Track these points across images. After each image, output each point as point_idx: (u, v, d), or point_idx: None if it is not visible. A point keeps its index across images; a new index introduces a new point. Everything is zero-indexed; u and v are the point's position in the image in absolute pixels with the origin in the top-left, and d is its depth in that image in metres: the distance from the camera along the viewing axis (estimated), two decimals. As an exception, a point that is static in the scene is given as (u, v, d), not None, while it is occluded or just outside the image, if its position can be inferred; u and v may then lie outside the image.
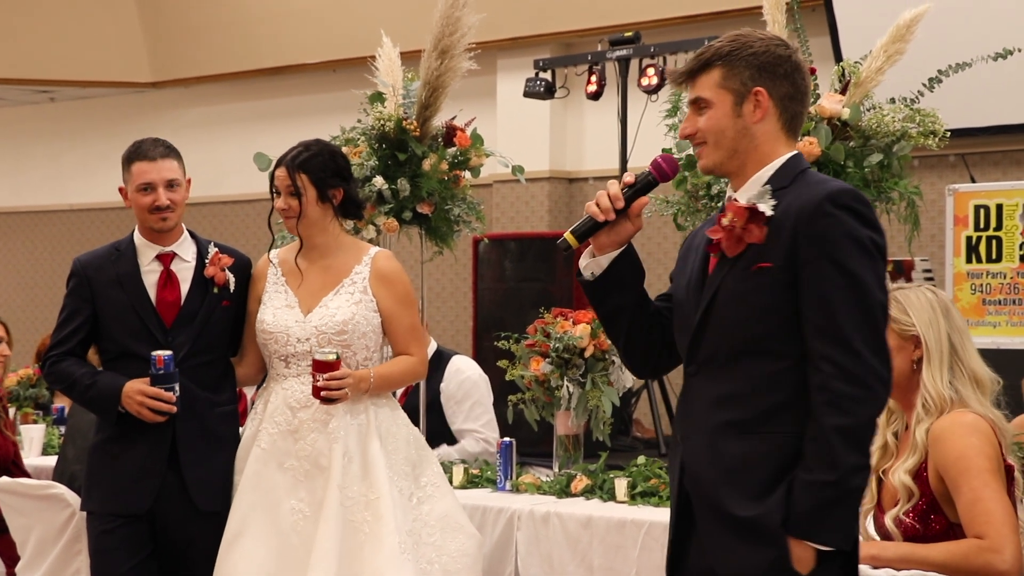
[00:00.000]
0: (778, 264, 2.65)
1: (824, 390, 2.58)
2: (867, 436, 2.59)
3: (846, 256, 2.60)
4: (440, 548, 3.92)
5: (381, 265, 4.04)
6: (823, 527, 2.58)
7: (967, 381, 3.27)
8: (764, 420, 2.65)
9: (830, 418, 2.56)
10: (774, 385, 2.65)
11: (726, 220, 2.72)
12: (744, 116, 2.74)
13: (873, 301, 2.60)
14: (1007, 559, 3.02)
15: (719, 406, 2.71)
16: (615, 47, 7.49)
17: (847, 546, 2.61)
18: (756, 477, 2.64)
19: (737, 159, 2.77)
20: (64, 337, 4.09)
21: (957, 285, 5.87)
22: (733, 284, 2.72)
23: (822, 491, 2.56)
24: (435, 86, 4.89)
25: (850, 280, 2.59)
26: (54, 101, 12.75)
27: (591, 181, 10.01)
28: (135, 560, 3.98)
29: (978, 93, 7.12)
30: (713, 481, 2.70)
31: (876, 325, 2.60)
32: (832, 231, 2.61)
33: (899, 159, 4.42)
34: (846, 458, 2.55)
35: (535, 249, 7.05)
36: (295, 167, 3.97)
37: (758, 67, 2.74)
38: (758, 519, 2.62)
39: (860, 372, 2.56)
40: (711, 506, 2.71)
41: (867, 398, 2.57)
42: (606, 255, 2.89)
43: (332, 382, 3.80)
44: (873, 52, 4.49)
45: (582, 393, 4.56)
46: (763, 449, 2.64)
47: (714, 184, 4.40)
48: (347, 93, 5.57)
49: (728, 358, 2.71)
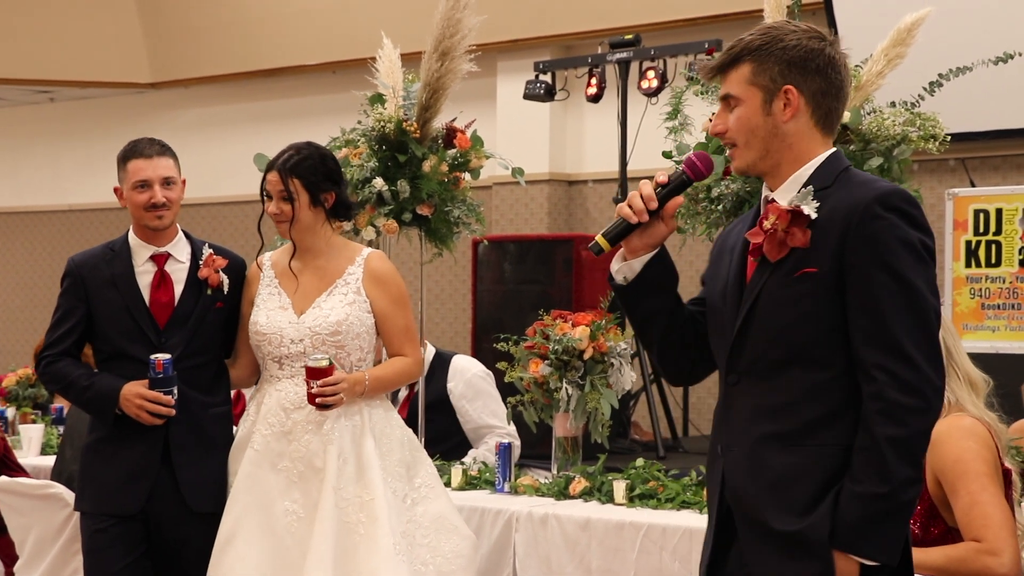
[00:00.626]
0: (824, 269, 2.54)
1: (878, 399, 2.47)
2: (921, 448, 2.48)
3: (898, 260, 2.49)
4: (434, 549, 3.92)
5: (374, 266, 4.03)
6: (871, 541, 2.47)
7: (962, 383, 3.27)
8: (809, 432, 2.55)
9: (884, 428, 2.45)
10: (819, 396, 2.55)
11: (768, 223, 2.59)
12: (774, 114, 2.62)
13: (926, 307, 2.50)
14: (1005, 562, 3.02)
15: (762, 417, 2.60)
16: (615, 49, 7.49)
17: (894, 561, 2.50)
18: (800, 492, 2.54)
19: (770, 159, 2.65)
20: (58, 337, 4.08)
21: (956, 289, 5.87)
22: (776, 290, 2.60)
23: (872, 503, 2.45)
24: (435, 88, 4.89)
25: (903, 285, 2.49)
26: (54, 101, 12.76)
27: (591, 184, 10.01)
28: (128, 559, 3.97)
29: (978, 97, 7.13)
30: (755, 495, 2.59)
31: (930, 332, 2.50)
32: (883, 234, 2.50)
33: (899, 163, 4.42)
34: (899, 470, 2.45)
35: (535, 251, 7.04)
36: (287, 171, 3.96)
37: (788, 62, 2.61)
38: (803, 532, 2.51)
39: (916, 381, 2.46)
40: (753, 520, 2.60)
41: (922, 408, 2.47)
42: (639, 259, 2.79)
43: (326, 388, 3.80)
44: (874, 56, 4.49)
45: (581, 395, 4.56)
46: (808, 463, 2.54)
47: (714, 187, 4.40)
48: (347, 94, 5.57)
49: (771, 367, 2.60)
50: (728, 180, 4.37)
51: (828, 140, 2.68)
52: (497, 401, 5.37)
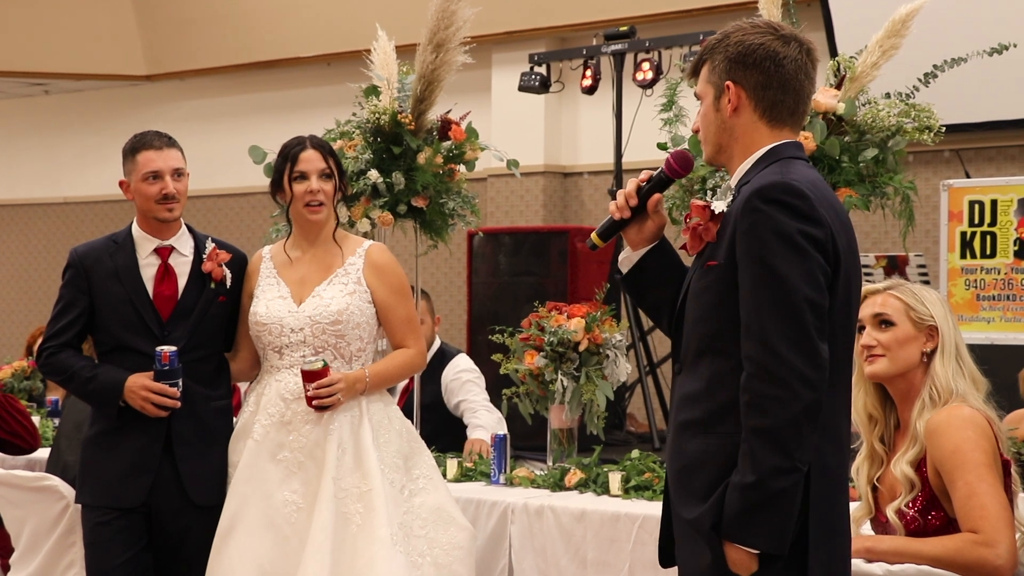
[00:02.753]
0: (721, 262, 2.64)
1: (746, 390, 2.55)
2: (790, 437, 2.52)
3: (769, 252, 2.55)
4: (432, 541, 3.93)
5: (375, 257, 4.04)
6: (751, 530, 2.54)
7: (967, 379, 3.27)
8: (716, 420, 2.64)
9: (751, 419, 2.53)
10: (723, 385, 2.63)
11: (691, 219, 2.73)
12: (721, 110, 2.74)
13: (796, 298, 2.53)
14: (1001, 554, 3.02)
15: (683, 405, 2.72)
16: (610, 41, 7.48)
17: (777, 549, 2.55)
18: (702, 479, 2.64)
19: (725, 153, 2.78)
20: (60, 328, 4.07)
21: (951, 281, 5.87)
22: (694, 283, 2.74)
23: (745, 493, 2.53)
24: (430, 80, 4.89)
25: (772, 276, 2.54)
26: (48, 94, 12.73)
27: (586, 175, 10.01)
28: (130, 552, 3.98)
29: (973, 89, 7.13)
30: (672, 480, 2.74)
31: (800, 322, 2.53)
32: (758, 227, 2.57)
33: (894, 154, 4.43)
34: (767, 460, 2.51)
35: (530, 243, 7.04)
36: (327, 152, 4.01)
37: (729, 59, 2.72)
38: (695, 521, 2.63)
39: (779, 372, 2.51)
40: (673, 504, 2.75)
41: (786, 398, 2.51)
42: (637, 251, 2.91)
43: (322, 390, 3.81)
44: (868, 47, 4.49)
45: (576, 387, 4.56)
46: (712, 449, 2.64)
47: (709, 178, 4.41)
48: (342, 87, 5.56)
49: (693, 357, 2.72)
50: (723, 172, 4.37)
51: (779, 132, 2.74)
52: (478, 393, 5.45)
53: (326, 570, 3.71)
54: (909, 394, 3.27)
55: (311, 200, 3.97)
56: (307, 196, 3.97)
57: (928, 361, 3.25)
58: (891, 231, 5.54)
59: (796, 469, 2.54)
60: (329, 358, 3.93)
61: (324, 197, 3.97)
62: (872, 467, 3.31)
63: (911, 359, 3.25)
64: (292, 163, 3.99)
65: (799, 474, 2.54)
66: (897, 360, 3.25)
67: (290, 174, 3.99)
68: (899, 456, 3.23)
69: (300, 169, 3.98)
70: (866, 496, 3.31)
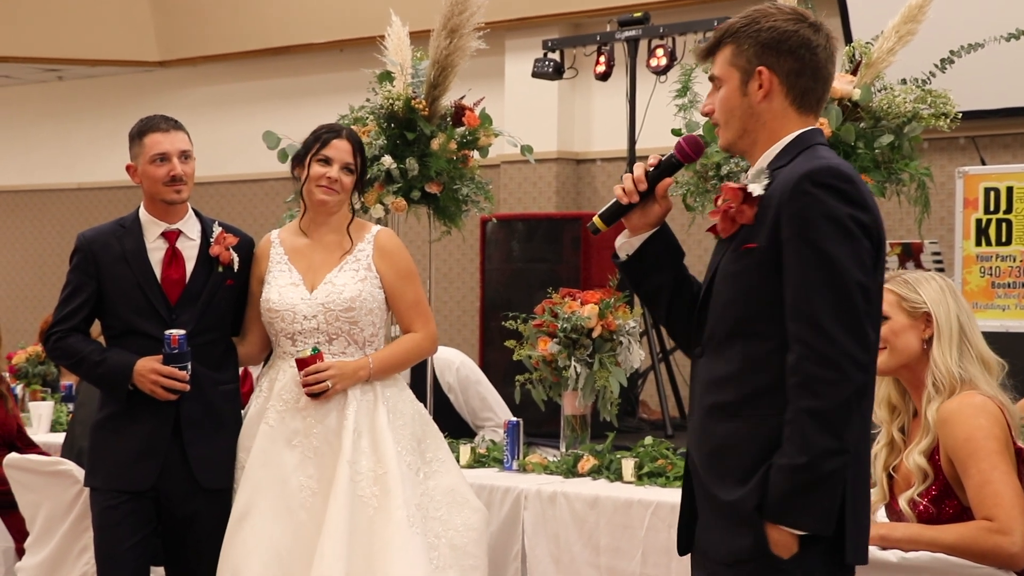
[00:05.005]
0: (762, 245, 2.63)
1: (796, 372, 2.55)
2: (841, 419, 2.53)
3: (821, 236, 2.55)
4: (446, 522, 3.94)
5: (384, 242, 4.04)
6: (798, 511, 2.54)
7: (976, 362, 3.26)
8: (749, 403, 2.64)
9: (802, 400, 2.53)
10: (760, 367, 2.63)
11: (721, 201, 2.71)
12: (750, 95, 2.71)
13: (849, 281, 2.55)
14: (1016, 541, 3.01)
15: (710, 388, 2.71)
16: (624, 28, 7.46)
17: (824, 531, 2.56)
18: (737, 460, 2.63)
19: (748, 138, 2.75)
20: (68, 313, 4.07)
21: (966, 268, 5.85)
22: (726, 265, 2.71)
23: (795, 475, 2.53)
24: (444, 65, 4.88)
25: (824, 260, 2.55)
26: (62, 80, 12.75)
27: (599, 162, 9.99)
28: (139, 536, 3.99)
29: (990, 75, 7.09)
30: (703, 463, 2.71)
31: (852, 306, 2.55)
32: (808, 210, 2.57)
33: (910, 140, 4.41)
34: (818, 441, 2.51)
35: (543, 230, 7.03)
36: (358, 146, 4.03)
37: (762, 44, 2.70)
38: (736, 503, 2.61)
39: (832, 354, 2.52)
40: (702, 488, 2.72)
41: (838, 380, 2.52)
42: (638, 236, 2.89)
43: (309, 377, 3.83)
44: (884, 32, 4.47)
45: (589, 373, 4.56)
46: (747, 432, 2.63)
47: (724, 164, 4.39)
48: (354, 73, 5.56)
49: (722, 340, 2.70)
50: (738, 158, 4.36)
51: (807, 118, 2.75)
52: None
53: (343, 553, 3.71)
54: (918, 384, 3.27)
55: (328, 186, 3.98)
56: (323, 179, 3.97)
57: (928, 348, 3.25)
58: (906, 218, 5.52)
59: (845, 451, 2.55)
60: (343, 345, 3.93)
61: (340, 187, 3.98)
62: (890, 455, 3.31)
63: (911, 348, 3.23)
64: (322, 146, 4.00)
65: (848, 456, 2.56)
66: (896, 352, 3.24)
67: (315, 154, 4.00)
68: (912, 446, 3.22)
69: (327, 154, 3.99)
70: (881, 483, 3.30)
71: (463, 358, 5.51)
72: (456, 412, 5.41)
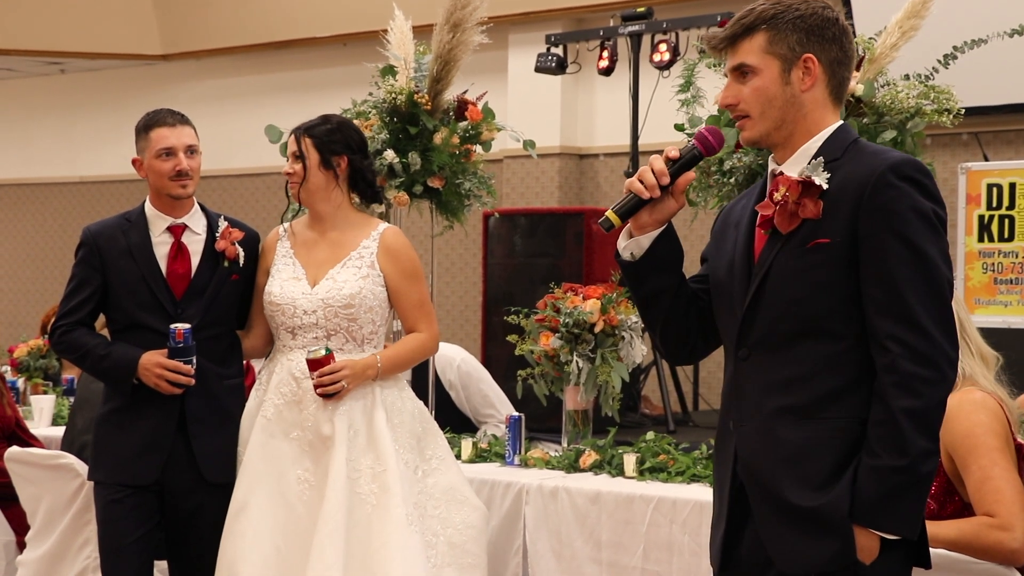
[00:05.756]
0: (836, 240, 2.51)
1: (893, 371, 2.44)
2: (938, 419, 2.46)
3: (912, 230, 2.46)
4: (445, 520, 3.94)
5: (389, 240, 4.03)
6: (891, 515, 2.45)
7: (975, 357, 3.26)
8: (824, 405, 2.52)
9: (900, 400, 2.43)
10: (834, 368, 2.52)
11: (778, 195, 2.56)
12: (793, 84, 2.58)
13: (940, 277, 2.47)
14: (1018, 537, 3.01)
15: (775, 391, 2.56)
16: (627, 22, 7.46)
17: (914, 534, 2.49)
18: (816, 466, 2.50)
19: (785, 129, 2.61)
20: (73, 307, 4.08)
21: (969, 264, 5.85)
22: (787, 262, 2.56)
23: (891, 477, 2.43)
24: (447, 60, 4.87)
25: (916, 255, 2.46)
26: (64, 73, 12.75)
27: (602, 157, 9.99)
28: (143, 530, 3.99)
29: (993, 71, 7.09)
30: (771, 470, 2.55)
31: (943, 303, 2.47)
32: (896, 204, 2.47)
33: (913, 136, 4.40)
34: (917, 442, 2.42)
35: (545, 224, 7.04)
36: (301, 132, 4.02)
37: (806, 31, 2.57)
38: (822, 509, 2.48)
39: (930, 352, 2.44)
40: (769, 496, 2.56)
41: (938, 379, 2.44)
42: (646, 235, 2.73)
43: (325, 377, 3.82)
44: (888, 28, 4.46)
45: (591, 368, 4.56)
46: (823, 436, 2.51)
47: (726, 160, 4.38)
48: (357, 67, 5.56)
49: (783, 340, 2.56)
50: (740, 153, 4.35)
51: (838, 111, 2.65)
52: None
53: (341, 551, 3.71)
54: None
55: (289, 181, 4.04)
56: (286, 178, 4.04)
57: None
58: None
59: (938, 452, 2.49)
60: (341, 341, 3.93)
61: (297, 178, 3.99)
62: None
63: None
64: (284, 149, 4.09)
65: (939, 456, 2.50)
66: None
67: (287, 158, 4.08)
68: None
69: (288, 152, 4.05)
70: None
71: (464, 355, 5.51)
72: (457, 409, 5.41)
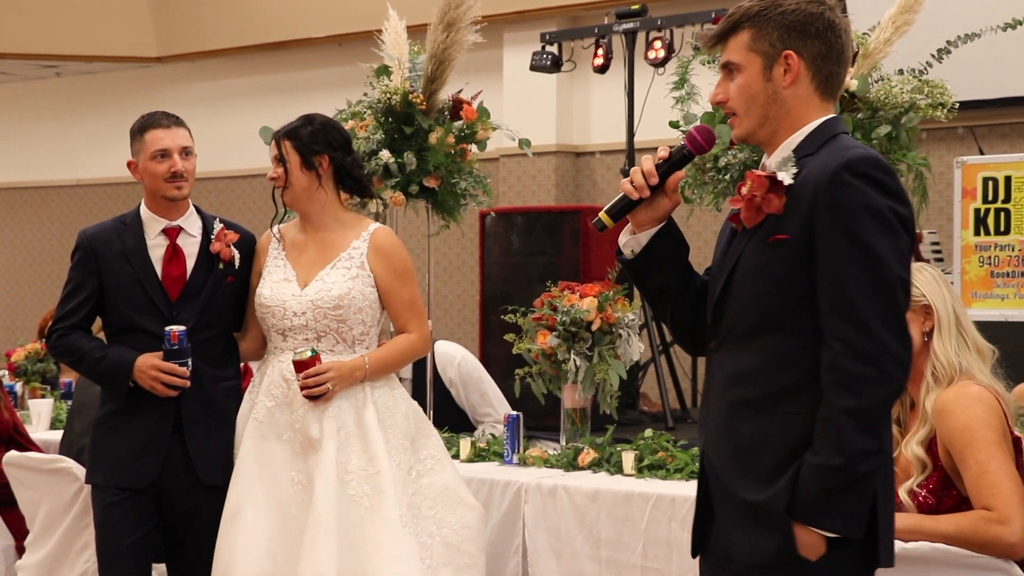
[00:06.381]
0: (794, 236, 2.52)
1: (834, 370, 2.45)
2: (879, 419, 2.45)
3: (861, 228, 2.45)
4: (441, 521, 3.93)
5: (379, 240, 4.01)
6: (829, 513, 2.46)
7: (971, 351, 3.26)
8: (778, 399, 2.53)
9: (840, 399, 2.43)
10: (789, 363, 2.53)
11: (745, 189, 2.59)
12: (774, 80, 2.60)
13: (891, 276, 2.45)
14: (1016, 531, 3.02)
15: (734, 383, 2.60)
16: (622, 20, 7.46)
17: (855, 533, 2.48)
18: (765, 460, 2.52)
19: (769, 126, 2.64)
20: (70, 310, 4.08)
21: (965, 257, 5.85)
22: (751, 256, 2.60)
23: (829, 475, 2.44)
24: (441, 59, 4.87)
25: (865, 253, 2.44)
26: (60, 76, 12.74)
27: (598, 155, 9.99)
28: (140, 533, 3.99)
29: (987, 64, 7.08)
30: (724, 461, 2.60)
31: (893, 302, 2.45)
32: (847, 201, 2.46)
33: (907, 131, 4.40)
34: (855, 441, 2.42)
35: (542, 223, 7.03)
36: (281, 136, 4.02)
37: (787, 27, 2.59)
38: (763, 503, 2.51)
39: (873, 351, 2.42)
40: (724, 487, 2.61)
41: (880, 379, 2.43)
42: (645, 232, 2.77)
43: (309, 379, 3.81)
44: (881, 23, 4.46)
45: (589, 366, 4.56)
46: (775, 430, 2.52)
47: (721, 156, 4.39)
48: (353, 67, 5.55)
49: (745, 334, 2.59)
50: (735, 150, 4.35)
51: (828, 105, 2.66)
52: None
53: (334, 554, 3.70)
54: (916, 375, 3.25)
55: (274, 186, 4.03)
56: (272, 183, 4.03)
57: (929, 340, 3.24)
58: (904, 208, 5.49)
59: (882, 451, 2.48)
60: (332, 342, 3.92)
61: (281, 182, 3.99)
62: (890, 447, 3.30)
63: (913, 342, 3.23)
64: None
65: (882, 457, 2.49)
66: None
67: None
68: (910, 437, 3.22)
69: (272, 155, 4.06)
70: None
71: (464, 353, 5.52)
72: (458, 406, 5.42)
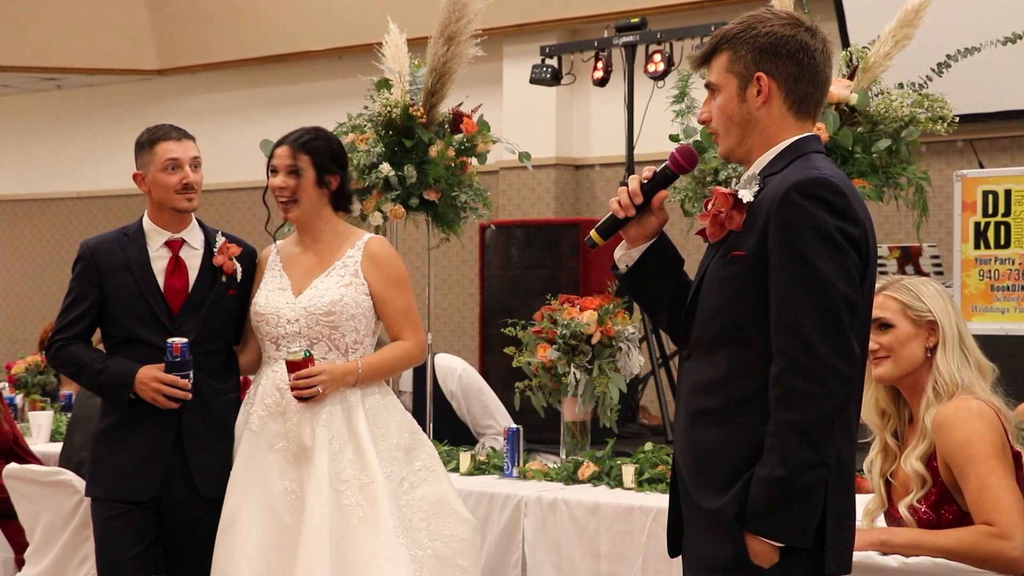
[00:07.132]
0: (750, 252, 2.62)
1: (779, 384, 2.54)
2: (821, 433, 2.52)
3: (807, 248, 2.53)
4: (433, 533, 3.92)
5: (374, 249, 4.02)
6: (775, 523, 2.54)
7: (973, 367, 3.26)
8: (734, 410, 2.63)
9: (783, 413, 2.52)
10: (744, 375, 2.62)
11: (711, 205, 2.70)
12: (748, 101, 2.70)
13: (834, 294, 2.53)
14: (1017, 546, 3.01)
15: (696, 393, 2.71)
16: (621, 33, 7.47)
17: (802, 543, 2.56)
18: (719, 468, 2.63)
19: (745, 145, 2.73)
20: (70, 321, 4.08)
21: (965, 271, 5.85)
22: (713, 271, 2.70)
23: (773, 487, 2.53)
24: (441, 72, 4.88)
25: (809, 273, 2.53)
26: (61, 89, 12.76)
27: (597, 168, 10.00)
28: (141, 546, 3.98)
29: (987, 78, 7.10)
30: (686, 468, 2.71)
31: (836, 319, 2.53)
32: (794, 222, 2.55)
33: (907, 144, 4.41)
34: (798, 454, 2.51)
35: (542, 236, 7.04)
36: (299, 147, 3.99)
37: (760, 49, 2.68)
38: (717, 511, 2.61)
39: (814, 367, 2.51)
40: (686, 494, 2.73)
41: (821, 395, 2.51)
42: (637, 248, 2.89)
43: (300, 380, 3.81)
44: (881, 37, 4.47)
45: (589, 380, 4.56)
46: (731, 439, 2.62)
47: (721, 170, 4.39)
48: (353, 80, 5.56)
49: (709, 345, 2.69)
50: (735, 163, 4.36)
51: (804, 124, 2.74)
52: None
53: (327, 563, 3.70)
54: (917, 389, 3.26)
55: (278, 196, 4.01)
56: (275, 192, 4.02)
57: (932, 355, 3.24)
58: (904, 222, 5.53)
59: (825, 464, 2.54)
60: (324, 350, 3.92)
61: (289, 193, 3.98)
62: (885, 462, 3.30)
63: (915, 357, 3.23)
64: (269, 159, 4.05)
65: (827, 469, 2.55)
66: (901, 360, 3.23)
67: (268, 169, 4.05)
68: (909, 451, 3.21)
69: (272, 164, 4.03)
70: (879, 490, 3.30)
71: (465, 366, 5.52)
72: (459, 419, 5.42)
